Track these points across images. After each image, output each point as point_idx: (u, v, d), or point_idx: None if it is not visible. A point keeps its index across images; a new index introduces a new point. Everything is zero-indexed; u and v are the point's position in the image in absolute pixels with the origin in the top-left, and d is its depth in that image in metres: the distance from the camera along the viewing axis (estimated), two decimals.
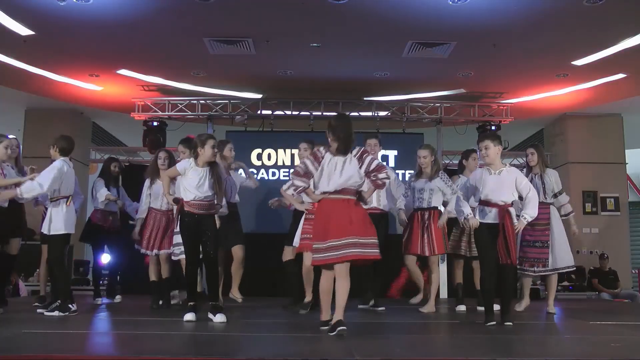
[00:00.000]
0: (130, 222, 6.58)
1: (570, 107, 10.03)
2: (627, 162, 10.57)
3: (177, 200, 4.83)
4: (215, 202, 4.84)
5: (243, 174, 6.45)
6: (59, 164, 5.17)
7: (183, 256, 5.64)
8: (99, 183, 6.62)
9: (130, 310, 5.88)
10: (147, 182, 6.14)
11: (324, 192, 4.13)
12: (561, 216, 5.97)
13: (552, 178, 5.90)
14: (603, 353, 3.44)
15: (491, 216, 4.71)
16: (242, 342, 3.83)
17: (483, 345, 3.80)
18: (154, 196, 6.05)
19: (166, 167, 5.93)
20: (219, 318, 4.64)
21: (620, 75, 8.33)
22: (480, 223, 4.71)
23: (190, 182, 4.74)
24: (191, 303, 4.78)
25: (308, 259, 5.14)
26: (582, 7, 6.18)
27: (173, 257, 5.85)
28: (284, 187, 5.54)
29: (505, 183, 4.73)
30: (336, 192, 4.09)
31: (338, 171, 4.09)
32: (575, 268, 6.11)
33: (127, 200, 6.69)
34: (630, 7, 6.21)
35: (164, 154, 6.15)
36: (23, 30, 6.87)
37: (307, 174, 4.17)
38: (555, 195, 5.90)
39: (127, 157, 10.45)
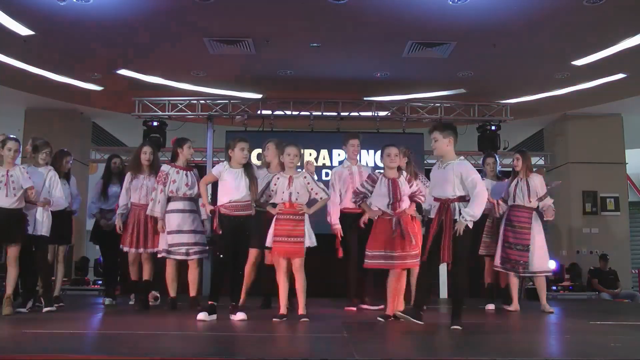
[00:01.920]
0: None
1: (570, 107, 10.04)
2: (627, 162, 10.58)
3: (213, 212, 4.84)
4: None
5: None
6: None
7: (179, 257, 5.62)
8: (95, 186, 6.66)
9: (130, 310, 5.87)
10: (127, 177, 5.90)
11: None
12: (544, 213, 6.06)
13: (537, 181, 5.95)
14: (603, 353, 3.44)
15: (434, 211, 4.47)
16: (242, 342, 3.83)
17: (483, 345, 3.80)
18: (133, 190, 5.84)
19: (150, 162, 5.87)
20: (240, 316, 4.74)
21: (620, 75, 8.33)
22: (429, 219, 4.55)
23: (227, 184, 4.82)
24: (212, 303, 4.79)
25: (279, 267, 4.93)
26: (582, 7, 6.19)
27: (169, 257, 5.64)
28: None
29: (447, 177, 4.40)
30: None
31: None
32: (552, 273, 6.07)
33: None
34: (630, 7, 6.21)
35: (148, 148, 5.95)
36: (23, 30, 6.87)
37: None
38: (540, 199, 5.96)
39: (127, 157, 10.43)
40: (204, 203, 5.00)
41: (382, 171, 5.09)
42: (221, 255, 4.81)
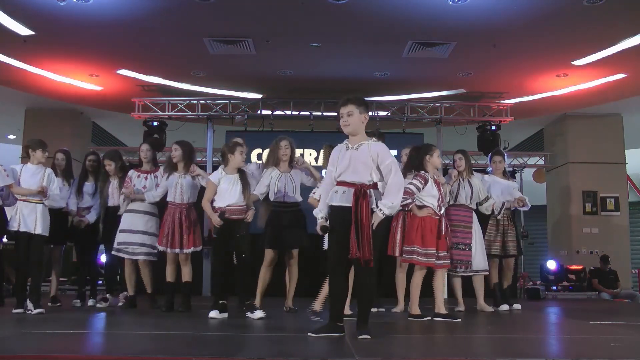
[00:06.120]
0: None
1: (570, 107, 10.04)
2: (627, 162, 10.58)
3: (223, 214, 4.99)
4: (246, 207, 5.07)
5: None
6: None
7: (126, 255, 5.85)
8: (73, 183, 6.54)
9: (130, 310, 5.87)
10: (163, 174, 5.83)
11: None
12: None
13: (478, 183, 5.98)
14: (603, 353, 3.44)
15: (344, 198, 3.82)
16: (242, 342, 3.83)
17: (483, 345, 3.80)
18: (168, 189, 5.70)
19: (177, 159, 5.74)
20: (258, 314, 4.87)
21: (620, 75, 8.34)
22: (332, 206, 3.87)
23: (224, 190, 5.01)
24: (222, 302, 4.97)
25: None
26: (582, 7, 6.19)
27: (117, 254, 5.85)
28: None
29: (365, 160, 3.82)
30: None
31: None
32: (488, 272, 6.03)
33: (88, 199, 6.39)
34: (630, 7, 6.22)
35: (177, 146, 5.79)
36: (23, 30, 6.88)
37: None
38: (480, 203, 5.97)
39: (127, 157, 10.44)
40: (210, 215, 5.09)
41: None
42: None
